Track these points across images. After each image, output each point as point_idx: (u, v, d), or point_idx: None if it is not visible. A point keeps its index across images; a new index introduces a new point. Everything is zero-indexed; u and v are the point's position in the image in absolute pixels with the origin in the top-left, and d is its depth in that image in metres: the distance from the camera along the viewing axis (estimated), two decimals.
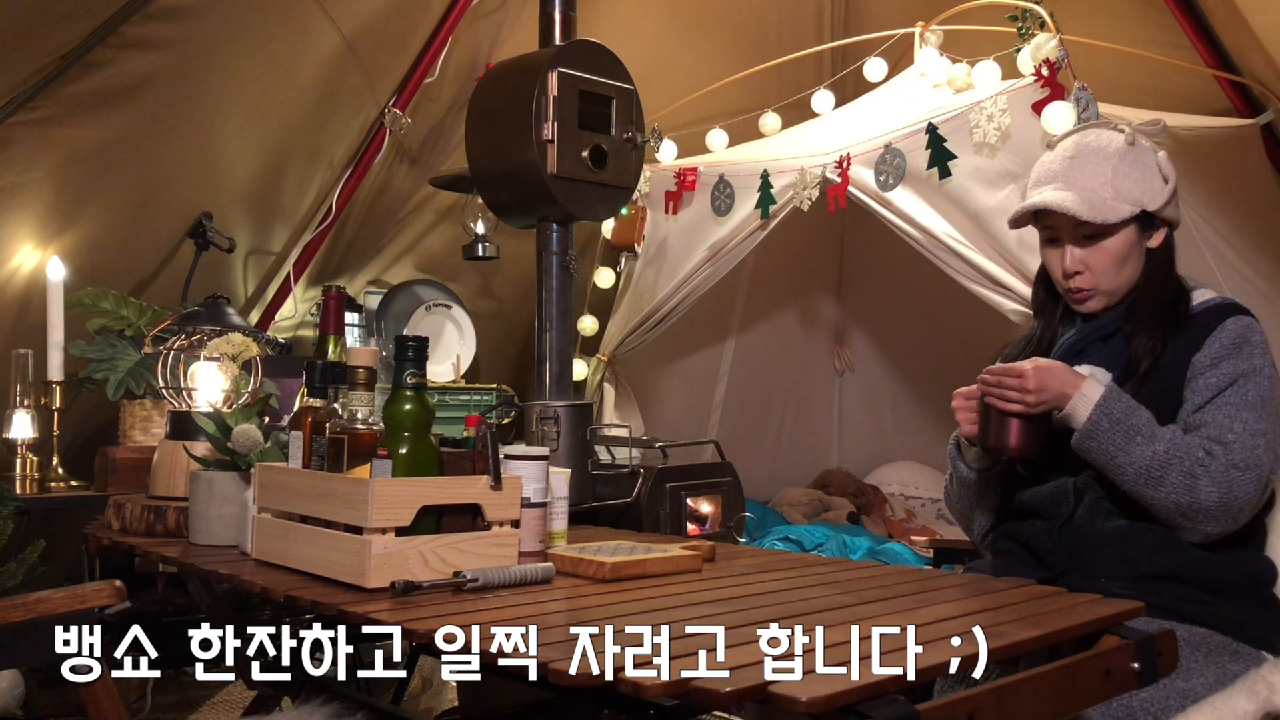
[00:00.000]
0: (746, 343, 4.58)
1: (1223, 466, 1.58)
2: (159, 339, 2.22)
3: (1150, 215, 1.74)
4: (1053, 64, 2.70)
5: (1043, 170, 1.80)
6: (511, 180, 2.43)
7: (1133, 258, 1.75)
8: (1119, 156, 1.73)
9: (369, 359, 1.58)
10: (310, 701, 1.75)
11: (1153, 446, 1.60)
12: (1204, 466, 1.59)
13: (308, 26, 3.17)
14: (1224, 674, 1.52)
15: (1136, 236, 1.74)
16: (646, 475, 2.57)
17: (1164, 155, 1.77)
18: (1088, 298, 1.77)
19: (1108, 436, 1.61)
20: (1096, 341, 1.78)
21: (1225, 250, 3.05)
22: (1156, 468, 1.59)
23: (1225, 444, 1.60)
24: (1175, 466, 1.59)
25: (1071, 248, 1.75)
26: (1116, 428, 1.61)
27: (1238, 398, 1.63)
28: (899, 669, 1.03)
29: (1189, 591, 1.59)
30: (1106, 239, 1.73)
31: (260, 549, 1.66)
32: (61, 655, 1.40)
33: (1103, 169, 1.72)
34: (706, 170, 3.65)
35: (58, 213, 2.87)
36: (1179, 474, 1.58)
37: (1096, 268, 1.74)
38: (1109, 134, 1.76)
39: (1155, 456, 1.59)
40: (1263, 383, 1.65)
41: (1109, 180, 1.71)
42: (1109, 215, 1.70)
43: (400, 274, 3.97)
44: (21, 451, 2.68)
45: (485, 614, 1.30)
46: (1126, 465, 1.60)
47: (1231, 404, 1.63)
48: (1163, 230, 1.77)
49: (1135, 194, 1.72)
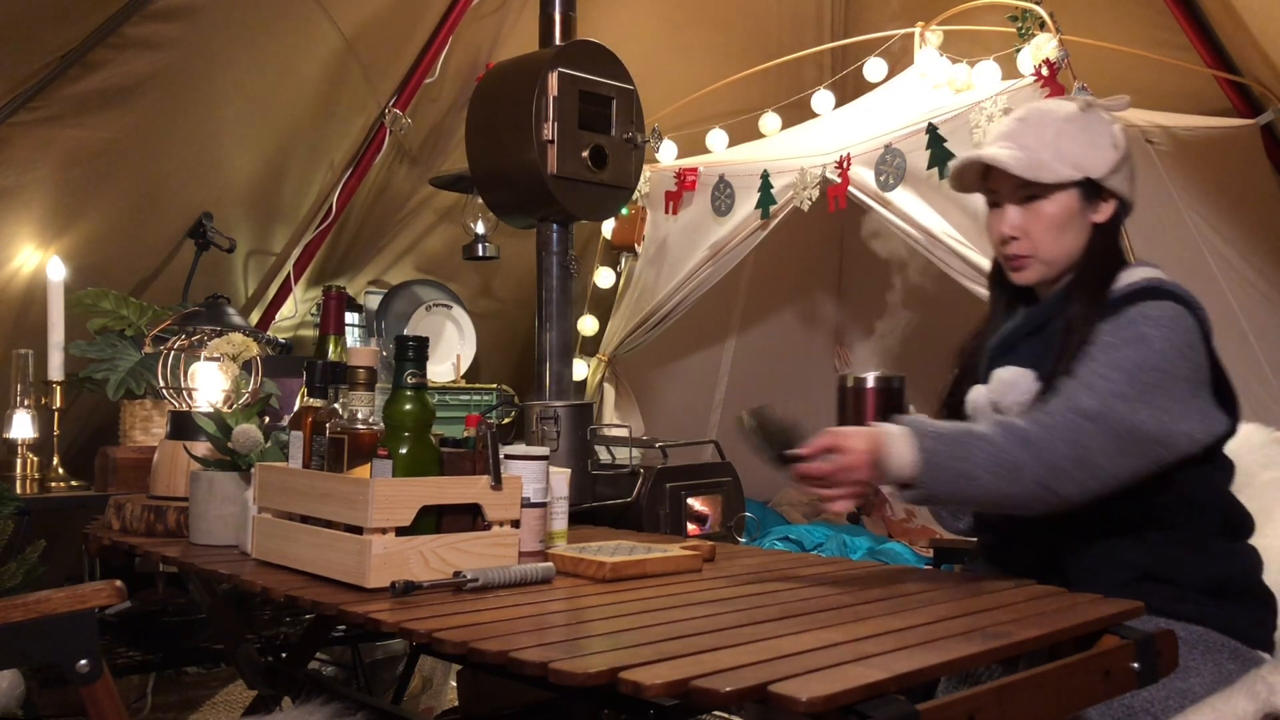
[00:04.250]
0: (746, 343, 4.58)
1: (1064, 413, 1.48)
2: (159, 339, 2.22)
3: (1096, 186, 1.67)
4: (1053, 64, 2.70)
5: (993, 132, 1.75)
6: (511, 180, 2.43)
7: (1073, 227, 1.67)
8: (1066, 119, 1.67)
9: (369, 359, 1.58)
10: (310, 701, 1.75)
11: (989, 440, 1.49)
12: (1045, 427, 1.48)
13: (308, 26, 3.17)
14: (1222, 673, 1.52)
15: (1079, 205, 1.66)
16: (646, 475, 2.57)
17: (1120, 129, 1.70)
18: (1024, 265, 1.69)
19: (947, 452, 1.48)
20: (1026, 337, 1.71)
21: (1225, 250, 3.05)
22: (1006, 454, 1.47)
23: (1069, 396, 1.50)
24: (1019, 447, 1.47)
25: (1010, 208, 1.69)
26: (942, 438, 1.49)
27: (1107, 357, 1.52)
28: (899, 669, 1.03)
29: (1181, 592, 1.58)
30: (1043, 201, 1.66)
31: (260, 549, 1.66)
32: (61, 655, 1.40)
33: (1047, 130, 1.67)
34: (706, 170, 3.65)
35: (58, 213, 2.87)
36: (1026, 452, 1.46)
37: (1033, 232, 1.67)
38: (1064, 102, 1.73)
39: (998, 447, 1.47)
40: (1144, 352, 1.52)
41: (1052, 141, 1.65)
42: (1044, 174, 1.64)
43: (400, 274, 3.97)
44: (22, 451, 2.68)
45: (485, 614, 1.30)
46: (977, 471, 1.47)
47: (1098, 362, 1.52)
48: (1111, 203, 1.69)
49: (1078, 158, 1.65)
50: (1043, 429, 1.49)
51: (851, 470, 1.49)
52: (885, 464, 1.48)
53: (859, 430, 1.52)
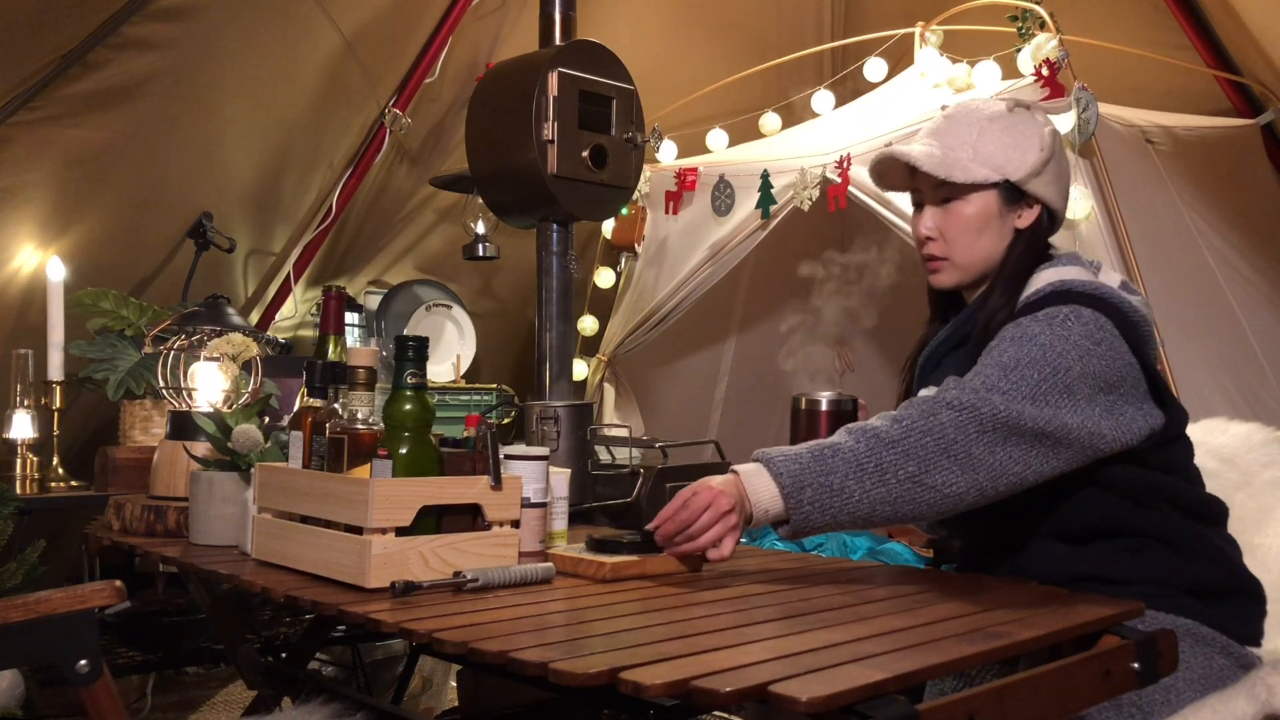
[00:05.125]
0: (746, 343, 4.58)
1: (921, 404, 1.43)
2: (159, 339, 2.22)
3: (1017, 190, 1.62)
4: (1053, 64, 2.70)
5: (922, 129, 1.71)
6: (511, 180, 2.43)
7: (991, 231, 1.62)
8: (990, 120, 1.63)
9: (369, 359, 1.58)
10: (310, 701, 1.75)
11: (845, 449, 1.43)
12: (901, 421, 1.42)
13: (308, 26, 3.17)
14: (1212, 667, 1.49)
15: (998, 208, 1.62)
16: (646, 475, 2.57)
17: (1052, 131, 1.65)
18: (939, 268, 1.66)
19: (806, 470, 1.42)
20: (950, 351, 1.67)
21: (1225, 250, 3.05)
22: (866, 457, 1.41)
23: (936, 393, 1.46)
24: (881, 447, 1.42)
25: (928, 209, 1.66)
26: (797, 459, 1.43)
27: (990, 356, 1.48)
28: (899, 669, 1.03)
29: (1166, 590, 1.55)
30: (958, 202, 1.62)
31: (260, 549, 1.66)
32: (61, 655, 1.40)
33: (969, 129, 1.63)
34: (706, 170, 3.65)
35: (58, 213, 2.87)
36: (889, 451, 1.42)
37: (949, 234, 1.63)
38: (993, 101, 1.67)
39: (857, 452, 1.42)
40: (1027, 348, 1.46)
41: (972, 140, 1.61)
42: (957, 173, 1.59)
43: (400, 274, 3.97)
44: (21, 451, 2.68)
45: (485, 614, 1.30)
46: (843, 482, 1.42)
47: (983, 362, 1.48)
48: (1035, 210, 1.63)
49: (997, 159, 1.60)
50: (899, 424, 1.44)
51: (712, 507, 1.45)
52: (749, 500, 1.45)
53: (711, 478, 1.49)
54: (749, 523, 1.48)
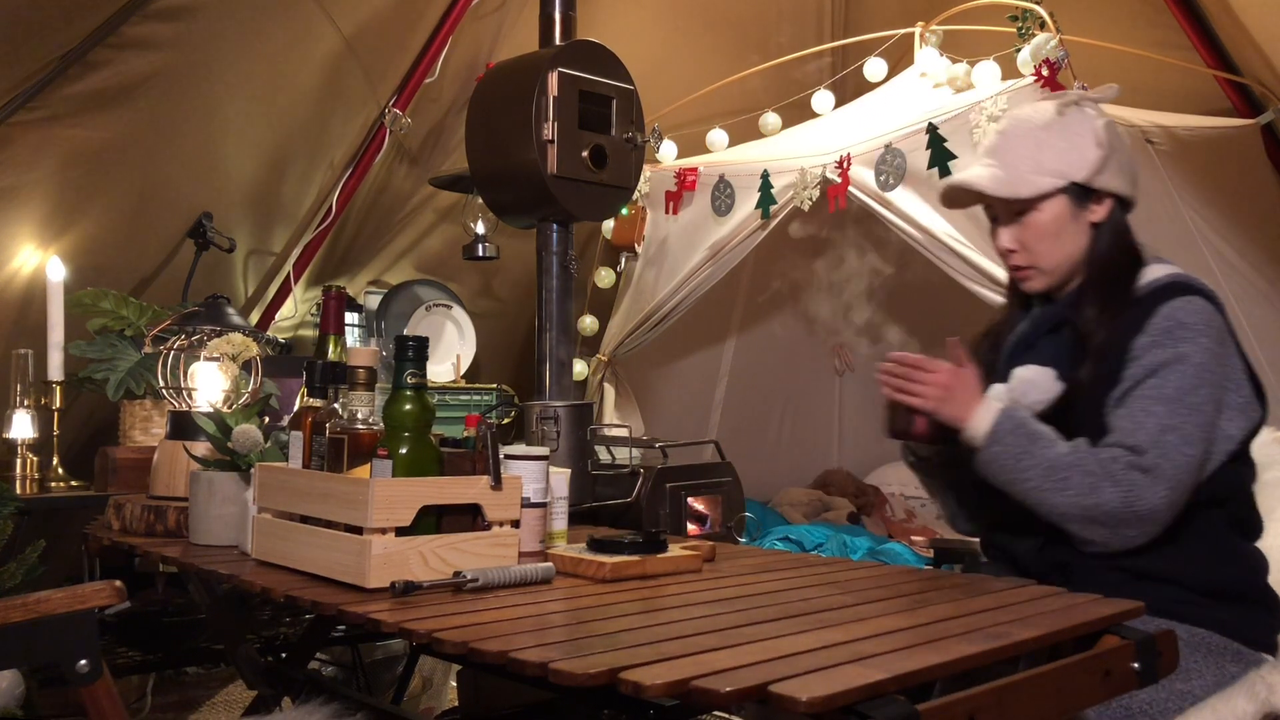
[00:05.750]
0: (746, 343, 4.58)
1: (1124, 468, 1.52)
2: (159, 339, 2.22)
3: (1085, 187, 1.67)
4: (1053, 64, 2.70)
5: (981, 147, 1.78)
6: (511, 180, 2.43)
7: (1069, 233, 1.67)
8: (1044, 128, 1.67)
9: (369, 359, 1.58)
10: (310, 701, 1.75)
11: (1056, 449, 1.56)
12: (1107, 470, 1.53)
13: (308, 26, 3.17)
14: (1224, 676, 1.52)
15: (1069, 209, 1.67)
16: (646, 475, 2.57)
17: (1105, 124, 1.69)
18: (1029, 276, 1.72)
19: (1011, 440, 1.56)
20: (1044, 335, 1.73)
21: (1225, 250, 3.06)
22: (1061, 468, 1.54)
23: (1131, 446, 1.54)
24: (1079, 469, 1.54)
25: (1004, 227, 1.71)
26: (1019, 431, 1.57)
27: (1154, 390, 1.55)
28: (899, 669, 1.03)
29: (1186, 595, 1.58)
30: (1032, 214, 1.67)
31: (260, 549, 1.66)
32: (61, 655, 1.40)
33: (1026, 142, 1.67)
34: (706, 170, 3.65)
35: (58, 213, 2.87)
36: (1082, 475, 1.53)
37: (1029, 244, 1.69)
38: (1044, 105, 1.72)
39: (1060, 458, 1.55)
40: (1186, 371, 1.55)
41: (1031, 153, 1.66)
42: (1021, 189, 1.65)
43: (400, 274, 3.97)
44: (21, 451, 2.68)
45: (485, 614, 1.30)
46: (1031, 468, 1.55)
47: (1146, 398, 1.55)
48: (1106, 202, 1.68)
49: (1059, 165, 1.65)
50: (1100, 463, 1.54)
51: (937, 378, 1.60)
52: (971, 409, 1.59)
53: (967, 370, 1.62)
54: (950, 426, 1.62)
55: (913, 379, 1.62)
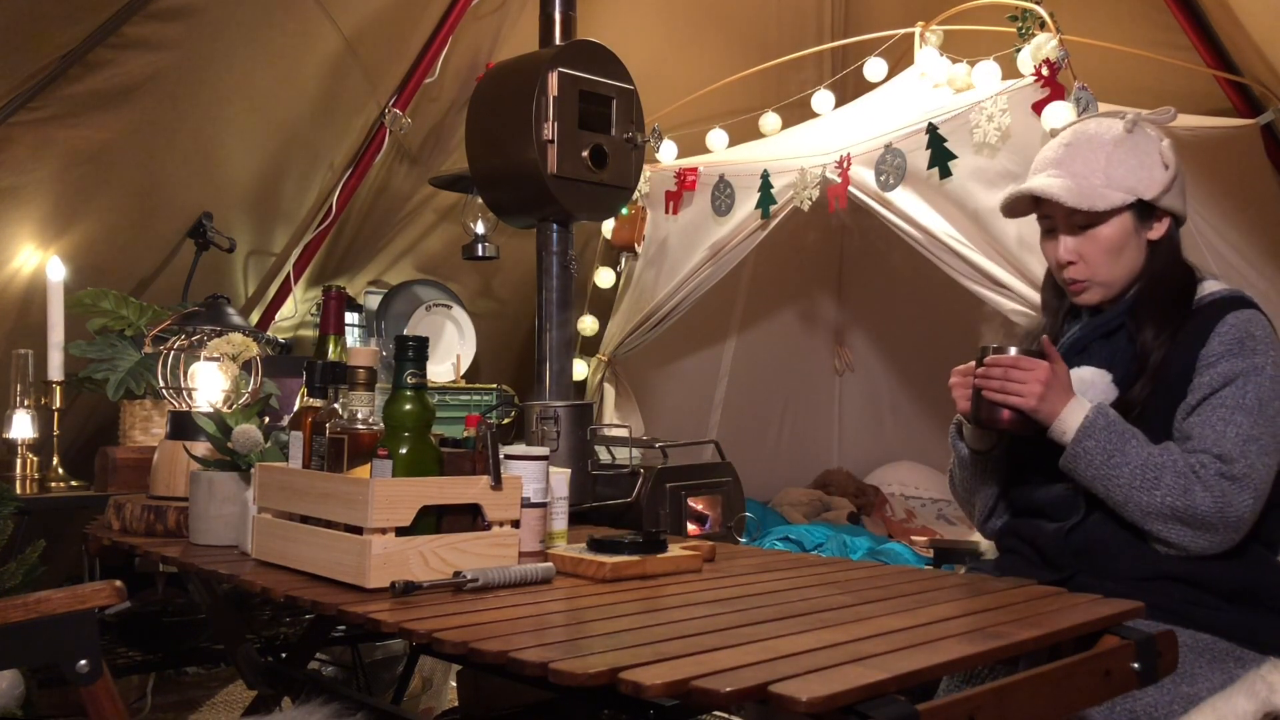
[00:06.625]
0: (746, 343, 4.58)
1: (1214, 475, 1.55)
2: (159, 339, 2.22)
3: (1149, 205, 1.71)
4: (1053, 64, 2.70)
5: (1040, 158, 1.78)
6: (511, 180, 2.43)
7: (1130, 248, 1.71)
8: (1115, 144, 1.70)
9: (369, 359, 1.58)
10: (310, 701, 1.75)
11: (1148, 449, 1.59)
12: (1197, 475, 1.56)
13: (308, 26, 3.17)
14: (1228, 679, 1.52)
15: (1133, 226, 1.71)
16: (646, 475, 2.57)
17: (1168, 144, 1.73)
18: (1084, 289, 1.75)
19: (1104, 436, 1.59)
20: (1099, 339, 1.75)
21: (1225, 250, 3.05)
22: (1153, 468, 1.57)
23: (1218, 455, 1.57)
24: (1170, 469, 1.57)
25: (1065, 237, 1.73)
26: (1112, 429, 1.59)
27: (1234, 399, 1.59)
28: (899, 669, 1.03)
29: (1199, 595, 1.58)
30: (1099, 227, 1.70)
31: (260, 549, 1.66)
32: (61, 655, 1.40)
33: (1097, 156, 1.70)
34: (706, 170, 3.65)
35: (58, 213, 2.87)
36: (1174, 476, 1.56)
37: (1090, 257, 1.71)
38: (1109, 122, 1.74)
39: (1151, 457, 1.58)
40: (1263, 382, 1.60)
41: (1102, 167, 1.69)
42: (1097, 202, 1.67)
43: (400, 274, 3.97)
44: (22, 451, 2.69)
45: (485, 614, 1.30)
46: (1122, 465, 1.58)
47: (1226, 407, 1.59)
48: (1165, 221, 1.74)
49: (1130, 182, 1.68)
50: (1190, 468, 1.57)
51: (1037, 375, 1.60)
52: (1063, 405, 1.60)
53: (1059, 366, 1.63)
54: (1041, 422, 1.64)
55: (1012, 378, 1.63)
